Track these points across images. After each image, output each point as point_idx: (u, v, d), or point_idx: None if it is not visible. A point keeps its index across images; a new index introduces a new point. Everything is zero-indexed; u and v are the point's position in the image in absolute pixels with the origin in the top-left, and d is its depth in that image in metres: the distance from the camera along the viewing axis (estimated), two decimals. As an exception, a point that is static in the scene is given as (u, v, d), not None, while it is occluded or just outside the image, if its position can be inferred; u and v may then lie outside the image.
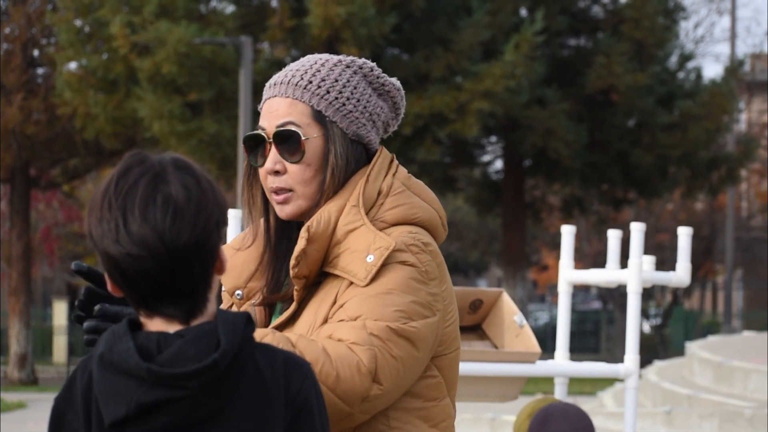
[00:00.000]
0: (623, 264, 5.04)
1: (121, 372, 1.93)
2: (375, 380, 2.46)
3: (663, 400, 13.03)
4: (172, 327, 1.96)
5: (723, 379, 13.00)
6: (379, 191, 2.61)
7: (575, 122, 23.60)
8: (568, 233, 5.11)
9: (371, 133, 2.65)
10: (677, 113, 24.37)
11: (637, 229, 4.97)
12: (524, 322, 4.74)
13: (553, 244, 37.66)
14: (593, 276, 5.22)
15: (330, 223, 2.57)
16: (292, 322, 2.59)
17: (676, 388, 13.04)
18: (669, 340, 35.86)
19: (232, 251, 2.69)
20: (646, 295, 33.76)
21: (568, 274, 5.14)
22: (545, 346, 28.90)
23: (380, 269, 2.52)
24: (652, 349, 32.87)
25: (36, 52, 25.33)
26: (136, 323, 1.98)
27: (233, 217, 4.56)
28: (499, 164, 27.13)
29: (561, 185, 26.04)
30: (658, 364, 16.82)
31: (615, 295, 34.13)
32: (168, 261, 1.92)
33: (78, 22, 23.17)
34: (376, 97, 2.68)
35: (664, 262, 29.04)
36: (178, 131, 21.82)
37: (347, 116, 2.63)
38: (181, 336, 1.94)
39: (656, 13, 23.97)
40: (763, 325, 35.94)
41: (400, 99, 2.71)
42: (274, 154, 2.63)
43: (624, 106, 23.94)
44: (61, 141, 25.35)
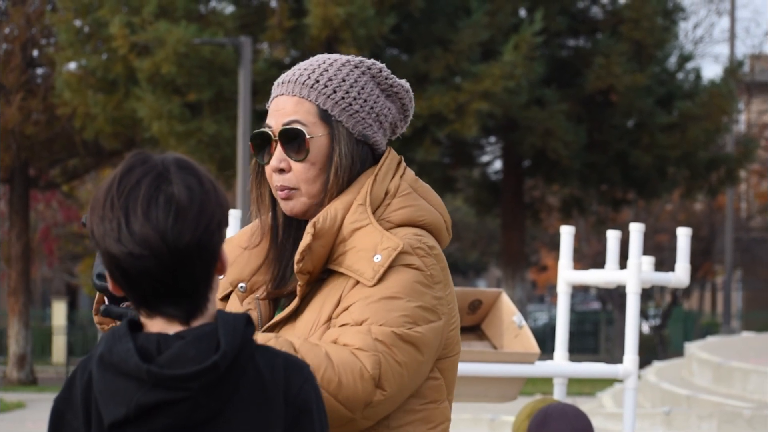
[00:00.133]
0: (622, 264, 5.04)
1: (120, 373, 1.93)
2: (378, 386, 2.46)
3: (662, 401, 13.02)
4: (173, 327, 1.96)
5: (722, 380, 13.00)
6: (387, 191, 2.61)
7: (574, 123, 23.61)
8: (567, 234, 5.11)
9: (378, 133, 2.66)
10: (676, 114, 24.37)
11: (636, 229, 4.97)
12: (523, 322, 4.74)
13: (552, 245, 37.67)
14: (592, 276, 5.22)
15: (336, 220, 2.58)
16: (295, 317, 2.60)
17: (675, 388, 13.04)
18: (668, 340, 35.86)
19: (239, 249, 2.70)
20: (645, 295, 33.76)
21: (567, 274, 5.14)
22: (544, 347, 28.91)
23: (387, 273, 2.52)
24: (651, 350, 32.87)
25: (35, 53, 25.33)
26: (136, 324, 1.98)
27: (233, 218, 4.57)
28: (498, 165, 27.14)
29: (560, 186, 26.04)
30: (657, 365, 16.82)
31: (614, 296, 34.13)
32: (170, 261, 1.92)
33: (77, 23, 23.17)
34: (384, 98, 2.68)
35: (664, 262, 29.04)
36: (177, 131, 21.81)
37: (353, 116, 2.63)
38: (181, 337, 1.94)
39: (655, 14, 23.98)
40: (762, 326, 35.95)
41: (408, 100, 2.71)
42: (279, 152, 2.63)
43: (623, 106, 23.95)
44: (60, 141, 25.35)
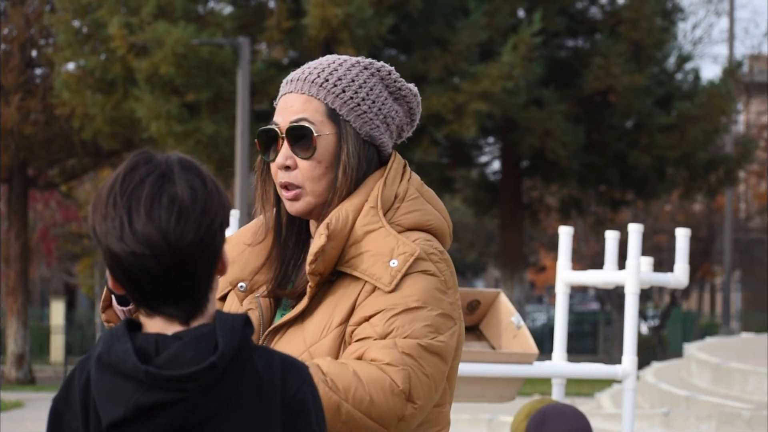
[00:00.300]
0: (621, 265, 5.04)
1: (118, 373, 1.93)
2: (409, 400, 2.47)
3: (661, 402, 13.02)
4: (172, 327, 1.96)
5: (721, 381, 13.00)
6: (396, 195, 2.62)
7: (573, 123, 23.61)
8: (565, 234, 5.11)
9: (384, 135, 2.66)
10: (675, 114, 24.38)
11: (635, 230, 4.97)
12: (521, 323, 4.74)
13: (550, 245, 37.67)
14: (591, 277, 5.22)
15: (348, 222, 2.58)
16: (302, 318, 2.59)
17: (674, 389, 13.03)
18: (667, 341, 35.86)
19: (243, 246, 2.70)
20: (644, 296, 33.76)
21: (566, 275, 5.14)
22: (543, 347, 28.92)
23: (404, 279, 2.53)
24: (650, 351, 32.87)
25: (34, 53, 25.33)
26: (135, 324, 1.98)
27: (232, 218, 4.57)
28: (496, 165, 27.14)
29: (559, 186, 26.05)
30: (655, 366, 16.81)
31: (613, 296, 34.14)
32: (171, 261, 1.92)
33: (76, 23, 23.17)
34: (392, 101, 2.68)
35: (662, 263, 29.04)
36: (175, 132, 21.82)
37: (361, 116, 2.64)
38: (180, 338, 1.94)
39: (654, 14, 23.98)
40: (761, 327, 35.96)
41: (416, 104, 2.72)
42: (285, 149, 2.64)
43: (622, 107, 23.95)
44: (58, 141, 25.35)
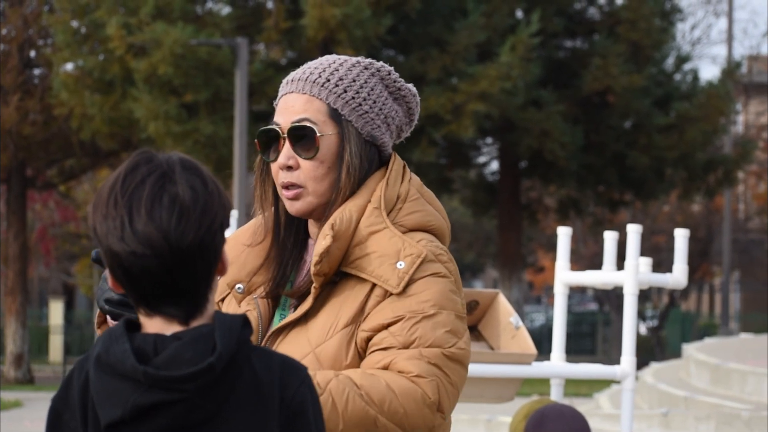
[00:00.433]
0: (620, 266, 5.05)
1: (117, 374, 1.93)
2: (439, 410, 2.49)
3: (659, 402, 13.02)
4: (172, 327, 1.96)
5: (720, 381, 12.99)
6: (398, 196, 2.63)
7: (571, 124, 23.62)
8: (564, 235, 5.11)
9: (385, 135, 2.67)
10: (674, 115, 24.39)
11: (634, 230, 4.97)
12: (520, 323, 4.74)
13: (549, 246, 37.68)
14: (589, 277, 5.22)
15: (352, 222, 2.58)
16: (307, 319, 2.59)
17: (673, 390, 13.03)
18: (666, 341, 35.87)
19: (242, 246, 2.69)
20: (642, 296, 33.79)
21: (565, 275, 5.14)
22: (541, 348, 28.90)
23: (417, 284, 2.54)
24: (648, 351, 32.89)
25: (33, 53, 25.33)
26: (134, 324, 1.98)
27: (232, 218, 4.57)
28: (494, 166, 27.15)
29: (557, 187, 26.06)
30: (654, 366, 16.82)
31: (611, 297, 34.15)
32: (171, 260, 1.92)
33: (74, 24, 23.18)
34: (392, 101, 2.69)
35: (661, 263, 29.05)
36: (173, 132, 21.83)
37: (363, 116, 2.64)
38: (178, 338, 1.94)
39: (653, 15, 23.99)
40: (760, 327, 35.97)
41: (414, 105, 2.73)
42: (287, 150, 2.63)
43: (620, 107, 23.96)
44: (57, 141, 25.36)
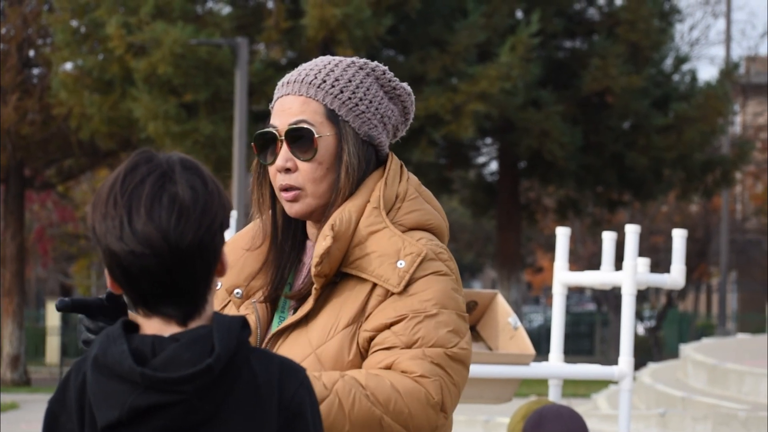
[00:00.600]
0: (618, 266, 5.05)
1: (114, 375, 1.92)
2: (442, 410, 2.51)
3: (657, 403, 13.02)
4: (170, 328, 1.95)
5: (717, 382, 13.00)
6: (397, 195, 2.63)
7: (570, 124, 23.63)
8: (562, 235, 5.12)
9: (382, 135, 2.67)
10: (672, 115, 24.41)
11: (632, 231, 4.97)
12: (518, 323, 4.74)
13: (547, 246, 37.68)
14: (588, 278, 5.23)
15: (351, 223, 2.58)
16: (307, 320, 2.59)
17: (670, 390, 13.03)
18: (663, 342, 35.88)
19: (241, 251, 2.69)
20: (640, 297, 33.78)
21: (563, 275, 5.15)
22: (539, 348, 28.86)
23: (418, 283, 2.54)
24: (646, 352, 32.89)
25: (32, 53, 25.30)
26: (132, 325, 1.98)
27: (231, 219, 4.58)
28: (494, 166, 27.16)
29: (556, 187, 26.07)
30: (652, 367, 16.82)
31: (609, 297, 34.16)
32: (171, 260, 1.92)
33: (74, 23, 23.16)
34: (387, 101, 2.69)
35: (659, 264, 29.07)
36: (173, 132, 21.82)
37: (359, 117, 2.64)
38: (176, 340, 1.93)
39: (651, 16, 24.01)
40: (757, 328, 35.99)
41: (410, 104, 2.73)
42: (285, 152, 2.63)
43: (619, 108, 23.97)
44: (56, 141, 25.33)
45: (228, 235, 4.42)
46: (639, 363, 21.75)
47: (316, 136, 2.61)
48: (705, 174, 25.38)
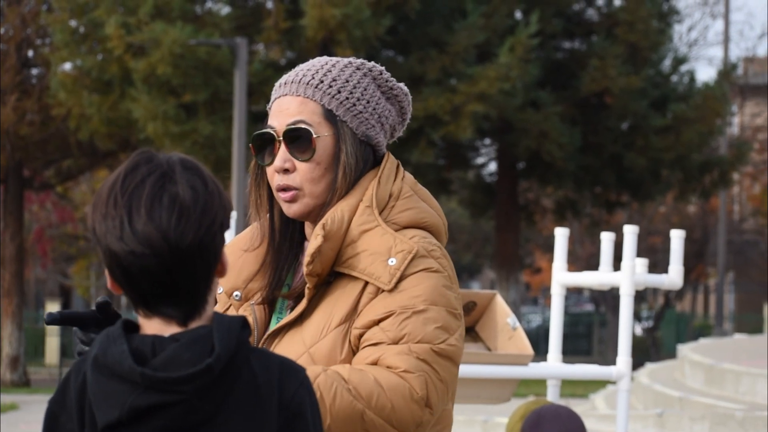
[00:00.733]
0: (616, 266, 5.06)
1: (114, 375, 1.92)
2: (427, 405, 2.49)
3: (654, 403, 13.03)
4: (170, 328, 1.96)
5: (714, 382, 13.01)
6: (390, 194, 2.63)
7: (569, 125, 23.64)
8: (561, 236, 5.13)
9: (380, 134, 2.67)
10: (670, 116, 24.42)
11: (630, 231, 4.98)
12: (517, 324, 4.75)
13: (546, 247, 37.70)
14: (586, 278, 5.23)
15: (344, 222, 2.58)
16: (302, 320, 2.59)
17: (668, 390, 13.04)
18: (661, 342, 35.89)
19: (240, 252, 2.70)
20: (638, 297, 33.75)
21: (562, 276, 5.16)
22: (538, 349, 28.84)
23: (408, 279, 2.53)
24: (644, 352, 32.90)
25: (30, 53, 25.27)
26: (132, 325, 1.98)
27: (231, 220, 4.59)
28: (492, 166, 27.16)
29: (554, 188, 26.08)
30: (649, 367, 16.83)
31: (607, 298, 34.17)
32: (171, 261, 1.92)
33: (73, 23, 23.15)
34: (385, 100, 2.69)
35: (657, 264, 29.06)
36: (172, 132, 21.81)
37: (357, 116, 2.64)
38: (176, 340, 1.93)
39: (650, 17, 24.02)
40: (754, 328, 36.02)
41: (407, 104, 2.73)
42: (283, 152, 2.63)
43: (617, 109, 23.99)
44: (54, 142, 25.30)
45: (228, 235, 4.45)
46: (637, 363, 21.76)
47: (314, 136, 2.61)
48: (703, 175, 25.39)
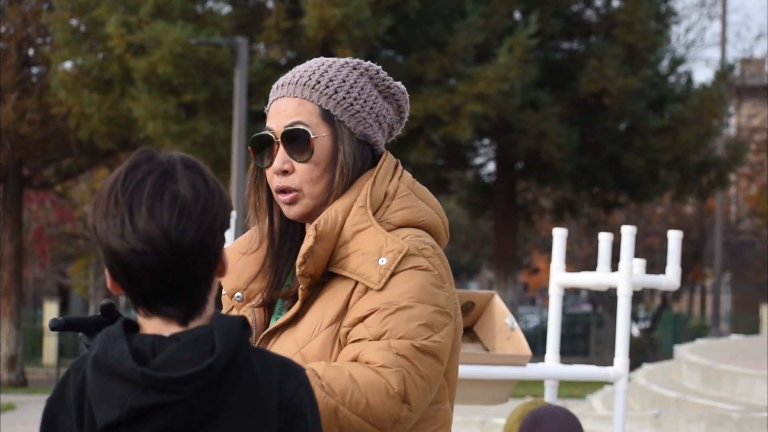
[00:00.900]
0: (613, 267, 5.07)
1: (114, 375, 1.92)
2: (405, 401, 2.46)
3: (651, 404, 13.05)
4: (170, 328, 1.95)
5: (711, 383, 13.03)
6: (386, 193, 2.62)
7: (567, 125, 23.66)
8: (559, 236, 5.14)
9: (378, 134, 2.67)
10: (668, 117, 24.45)
11: (628, 232, 4.99)
12: (515, 324, 4.75)
13: (544, 247, 37.71)
14: (584, 279, 5.23)
15: (337, 222, 2.58)
16: (296, 320, 2.60)
17: (665, 391, 13.06)
18: (658, 343, 35.89)
19: (239, 255, 2.69)
20: (635, 298, 33.74)
21: (559, 276, 5.17)
22: (535, 349, 28.91)
23: (396, 277, 2.52)
24: (641, 353, 32.90)
25: (31, 51, 25.25)
26: (132, 324, 1.97)
27: (231, 219, 4.62)
28: (491, 167, 27.18)
29: (553, 188, 26.10)
30: (646, 368, 16.85)
31: (605, 298, 34.17)
32: (171, 259, 1.91)
33: (74, 22, 23.14)
34: (382, 100, 2.69)
35: (654, 265, 29.09)
36: (172, 132, 21.81)
37: (355, 116, 2.64)
38: (177, 339, 1.93)
39: (648, 18, 24.05)
40: (750, 329, 36.03)
41: (404, 103, 2.73)
42: (282, 154, 2.63)
43: (615, 109, 24.01)
44: (54, 141, 25.27)
45: (228, 235, 4.47)
46: (634, 364, 21.78)
47: (312, 136, 2.61)
48: (700, 175, 25.42)
